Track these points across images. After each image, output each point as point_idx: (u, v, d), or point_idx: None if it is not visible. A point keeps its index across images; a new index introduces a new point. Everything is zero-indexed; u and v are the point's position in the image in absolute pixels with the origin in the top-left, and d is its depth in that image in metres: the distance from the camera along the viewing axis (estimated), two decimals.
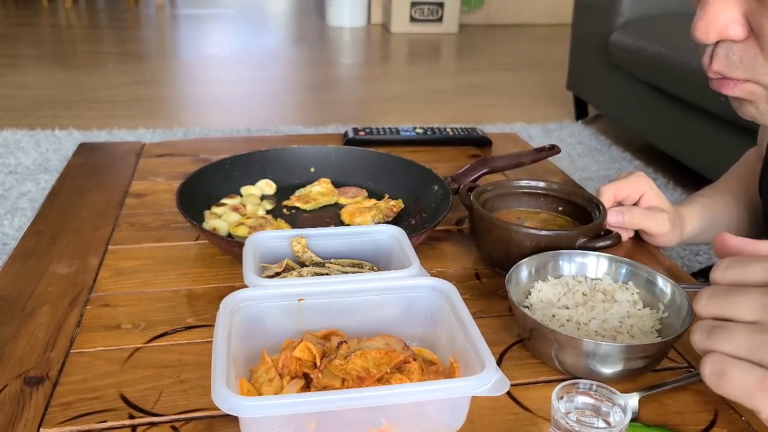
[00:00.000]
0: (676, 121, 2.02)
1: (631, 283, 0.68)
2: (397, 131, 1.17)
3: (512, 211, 0.84)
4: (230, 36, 4.44)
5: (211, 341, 0.50)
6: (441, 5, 4.51)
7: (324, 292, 0.58)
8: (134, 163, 1.05)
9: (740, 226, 0.88)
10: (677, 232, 0.82)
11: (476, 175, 0.93)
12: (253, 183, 0.93)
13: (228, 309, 0.54)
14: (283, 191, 0.93)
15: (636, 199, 0.81)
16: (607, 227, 0.79)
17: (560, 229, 0.80)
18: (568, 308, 0.64)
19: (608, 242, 0.74)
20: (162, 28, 4.61)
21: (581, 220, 0.81)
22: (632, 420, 0.54)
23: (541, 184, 0.85)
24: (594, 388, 0.51)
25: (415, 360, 0.52)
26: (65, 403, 0.55)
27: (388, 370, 0.51)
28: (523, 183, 0.85)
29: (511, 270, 0.66)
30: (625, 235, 0.82)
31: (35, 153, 2.15)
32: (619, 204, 0.82)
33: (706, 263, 1.56)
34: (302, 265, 0.67)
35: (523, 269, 0.68)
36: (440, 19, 4.54)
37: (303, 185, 0.94)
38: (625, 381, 0.59)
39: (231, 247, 0.74)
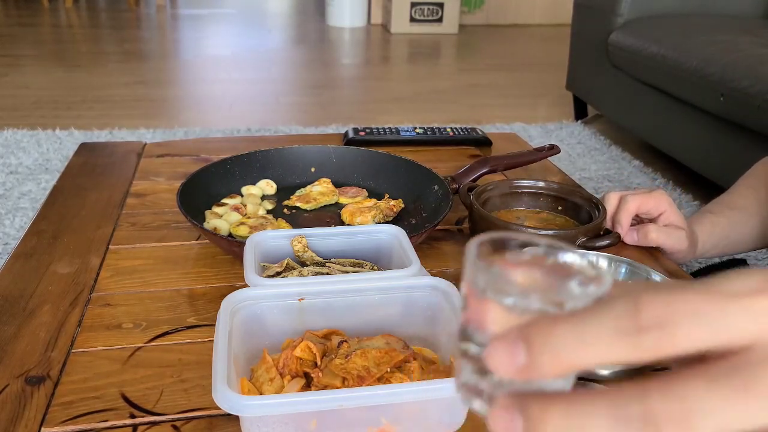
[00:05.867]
0: (675, 122, 2.02)
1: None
2: (397, 131, 1.18)
3: (512, 211, 0.85)
4: (231, 36, 4.44)
5: (212, 341, 0.50)
6: (441, 5, 4.51)
7: (324, 291, 0.58)
8: (135, 163, 1.06)
9: (750, 242, 0.89)
10: (692, 248, 0.83)
11: (476, 175, 0.94)
12: (253, 183, 0.93)
13: (229, 308, 0.54)
14: (284, 191, 0.93)
15: (655, 215, 0.81)
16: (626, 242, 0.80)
17: (560, 229, 0.80)
18: None
19: (608, 242, 0.74)
20: (162, 28, 4.61)
21: (581, 219, 0.81)
22: None
23: (541, 184, 0.85)
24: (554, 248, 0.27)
25: (415, 359, 0.53)
26: (66, 402, 0.55)
27: (389, 370, 0.51)
28: (523, 183, 0.85)
29: None
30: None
31: (36, 153, 2.15)
32: (637, 216, 0.82)
33: (705, 263, 1.56)
34: (303, 264, 0.67)
35: None
36: (440, 20, 4.54)
37: (303, 185, 0.94)
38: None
39: (232, 246, 0.74)
